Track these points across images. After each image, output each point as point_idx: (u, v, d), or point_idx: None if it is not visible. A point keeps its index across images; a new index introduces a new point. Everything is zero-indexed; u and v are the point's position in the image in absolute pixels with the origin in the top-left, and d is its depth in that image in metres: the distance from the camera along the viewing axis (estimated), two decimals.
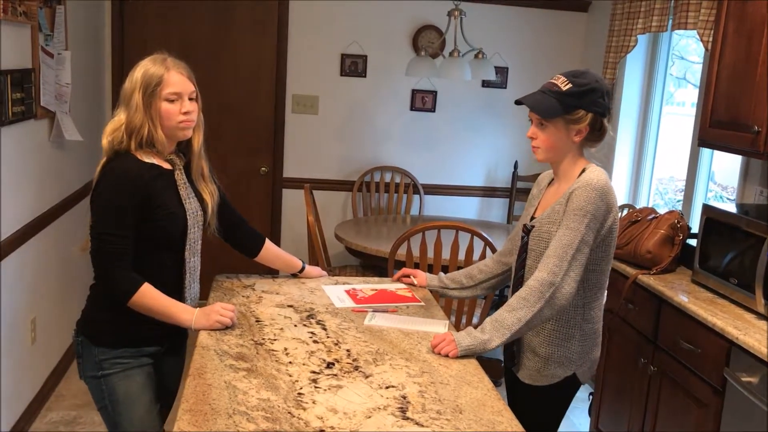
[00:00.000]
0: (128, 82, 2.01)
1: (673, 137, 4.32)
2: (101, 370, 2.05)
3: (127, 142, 1.99)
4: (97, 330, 2.07)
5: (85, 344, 2.08)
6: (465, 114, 5.05)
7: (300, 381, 1.75)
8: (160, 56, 2.04)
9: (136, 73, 2.01)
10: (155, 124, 2.00)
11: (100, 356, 2.05)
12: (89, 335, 2.07)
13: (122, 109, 2.01)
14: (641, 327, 2.94)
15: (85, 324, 2.10)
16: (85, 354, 2.08)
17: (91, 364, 2.07)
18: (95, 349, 2.06)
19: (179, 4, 4.64)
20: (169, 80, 2.00)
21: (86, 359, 2.08)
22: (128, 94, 1.99)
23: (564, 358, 2.09)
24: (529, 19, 4.97)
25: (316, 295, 2.41)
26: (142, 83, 1.98)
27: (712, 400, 2.46)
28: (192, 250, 2.14)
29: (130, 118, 1.98)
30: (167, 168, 2.08)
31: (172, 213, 2.05)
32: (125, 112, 2.00)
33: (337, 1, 4.77)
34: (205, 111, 2.20)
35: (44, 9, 3.28)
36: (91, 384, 2.09)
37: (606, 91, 2.03)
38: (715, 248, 2.78)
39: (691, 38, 4.10)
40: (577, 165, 2.07)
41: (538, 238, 2.08)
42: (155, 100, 1.99)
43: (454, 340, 1.96)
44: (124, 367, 2.06)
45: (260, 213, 5.01)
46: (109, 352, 2.05)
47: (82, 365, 2.11)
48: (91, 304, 2.12)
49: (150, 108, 1.99)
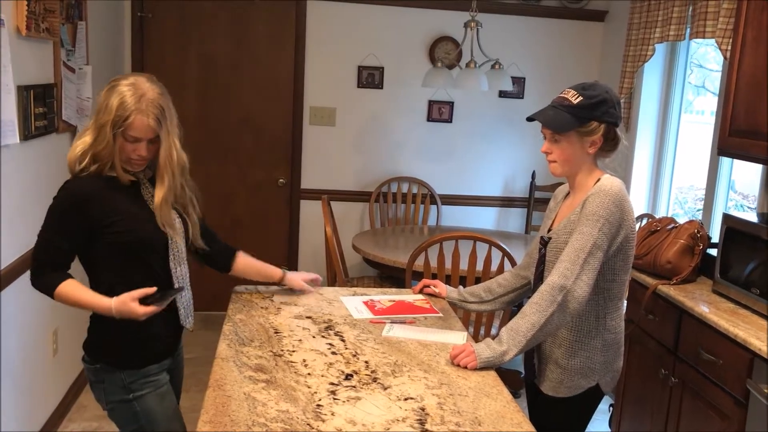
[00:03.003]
0: (104, 103, 1.95)
1: (693, 146, 4.29)
2: (132, 392, 2.04)
3: (87, 166, 1.98)
4: (119, 353, 2.05)
5: (107, 370, 2.05)
6: (482, 124, 5.05)
7: (319, 392, 1.76)
8: (140, 90, 1.95)
9: (113, 98, 1.94)
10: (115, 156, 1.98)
11: (128, 379, 2.04)
12: (111, 360, 2.05)
13: (90, 130, 1.98)
14: (662, 338, 2.91)
15: (101, 348, 2.07)
16: (108, 379, 2.05)
17: (117, 388, 2.04)
18: (121, 372, 2.04)
19: (198, 20, 4.70)
20: (134, 123, 1.94)
21: (110, 384, 2.05)
22: (101, 122, 1.95)
23: (587, 369, 2.09)
24: (546, 30, 4.97)
25: (335, 307, 2.41)
26: (114, 117, 1.92)
27: (735, 412, 2.43)
28: (177, 260, 2.10)
29: (96, 147, 1.96)
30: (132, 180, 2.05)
31: (138, 222, 2.01)
32: (93, 136, 1.96)
33: (354, 14, 4.80)
34: (224, 124, 2.21)
35: (66, 25, 3.33)
36: (120, 408, 2.06)
37: (616, 101, 2.05)
38: (735, 258, 2.75)
39: (709, 46, 4.08)
40: (592, 176, 2.07)
41: (555, 249, 2.08)
42: (118, 135, 1.95)
43: (473, 352, 1.96)
44: (155, 385, 2.07)
45: (278, 224, 5.04)
46: (136, 372, 2.04)
47: (104, 391, 2.07)
48: (104, 327, 2.05)
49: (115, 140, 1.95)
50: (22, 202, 2.89)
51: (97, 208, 1.96)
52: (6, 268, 2.73)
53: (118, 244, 1.99)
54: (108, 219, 1.97)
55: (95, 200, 1.97)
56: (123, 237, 1.99)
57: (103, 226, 1.97)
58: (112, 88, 1.96)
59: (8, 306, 2.78)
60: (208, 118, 4.81)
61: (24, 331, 2.96)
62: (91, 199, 1.96)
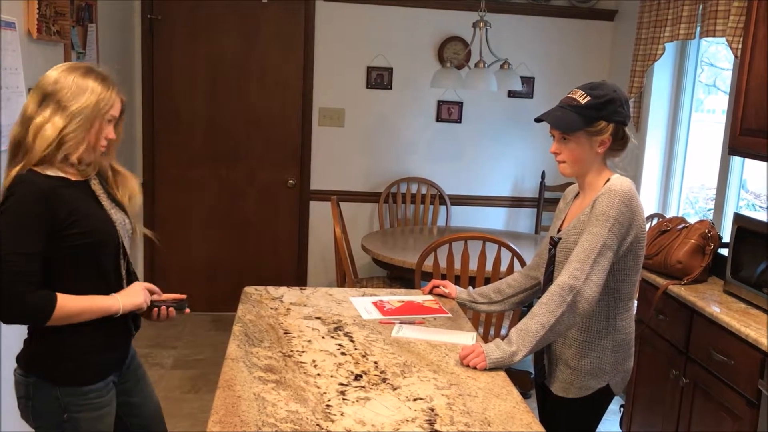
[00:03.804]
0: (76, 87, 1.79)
1: (704, 145, 4.27)
2: (66, 412, 1.83)
3: (53, 152, 1.78)
4: (57, 368, 1.83)
5: (39, 385, 1.83)
6: (491, 124, 5.05)
7: (328, 393, 1.76)
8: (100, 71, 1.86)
9: (89, 83, 1.80)
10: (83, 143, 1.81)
11: (65, 397, 1.83)
12: (47, 375, 1.83)
13: (56, 112, 1.78)
14: (672, 338, 2.90)
15: (35, 360, 1.85)
16: (39, 396, 1.83)
17: (49, 407, 1.83)
18: (56, 389, 1.83)
19: (207, 21, 4.71)
20: (116, 104, 1.86)
21: (40, 401, 1.83)
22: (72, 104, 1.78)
23: (597, 369, 2.08)
24: (555, 29, 4.96)
25: (344, 307, 2.42)
26: (96, 102, 1.80)
27: (746, 412, 2.41)
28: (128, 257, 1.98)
29: (70, 131, 1.77)
30: (78, 179, 1.87)
31: (102, 219, 1.87)
32: (64, 120, 1.77)
33: (363, 15, 4.80)
34: (234, 125, 2.21)
35: (77, 27, 3.35)
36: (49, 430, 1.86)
37: (624, 99, 2.05)
38: (747, 258, 2.73)
39: (720, 45, 4.05)
40: (601, 176, 2.07)
41: (564, 249, 2.08)
42: (99, 119, 1.83)
43: (483, 352, 1.95)
44: (96, 406, 1.87)
45: (288, 225, 5.05)
46: (76, 390, 1.84)
47: (32, 409, 1.85)
48: (40, 336, 1.84)
49: (90, 128, 1.82)
50: None
51: (62, 207, 1.76)
52: None
53: (75, 247, 1.79)
54: (70, 218, 1.77)
55: (58, 197, 1.76)
56: (83, 238, 1.80)
57: (64, 227, 1.77)
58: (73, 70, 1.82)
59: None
60: (217, 119, 4.83)
61: None
62: (54, 196, 1.75)
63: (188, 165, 4.83)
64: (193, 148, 4.85)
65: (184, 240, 4.92)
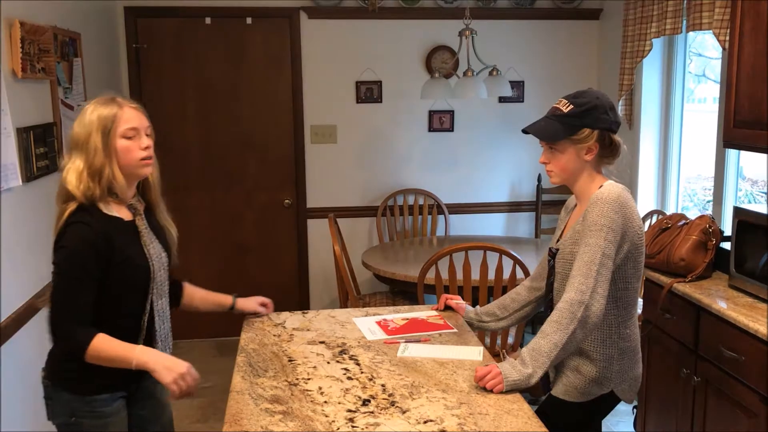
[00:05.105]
0: (79, 126, 1.94)
1: (697, 135, 4.25)
2: (74, 416, 2.00)
3: (93, 189, 1.92)
4: (65, 378, 2.00)
5: (55, 388, 2.02)
6: (484, 131, 5.03)
7: (337, 421, 1.73)
8: (108, 96, 1.99)
9: (87, 116, 1.93)
10: (113, 164, 1.93)
11: (73, 402, 2.00)
12: (59, 382, 2.01)
13: (77, 155, 1.93)
14: (681, 336, 2.87)
15: (52, 371, 2.04)
16: (55, 398, 2.02)
17: (62, 409, 2.01)
18: (66, 394, 2.00)
19: (193, 46, 4.70)
20: (123, 116, 1.94)
21: (56, 403, 2.02)
22: (83, 138, 1.92)
23: (603, 378, 2.06)
24: (541, 32, 4.96)
25: (347, 329, 2.39)
26: (98, 124, 1.91)
27: (761, 408, 2.38)
28: (159, 293, 2.08)
29: (90, 162, 1.91)
30: (128, 219, 2.03)
31: (136, 265, 2.00)
32: (82, 157, 1.92)
33: (348, 30, 4.80)
34: (227, 149, 2.20)
35: (62, 63, 3.34)
36: (62, 430, 2.04)
37: (609, 105, 2.04)
38: (750, 251, 2.71)
39: (708, 34, 4.04)
40: (594, 183, 2.06)
41: (563, 260, 2.08)
42: (112, 139, 1.92)
43: (500, 373, 1.89)
44: (100, 415, 2.00)
45: (287, 245, 5.02)
46: (81, 398, 1.99)
47: (51, 409, 2.05)
48: (58, 350, 2.02)
49: (108, 148, 1.92)
50: (27, 243, 2.88)
51: (111, 247, 1.92)
52: (19, 309, 2.72)
53: (115, 285, 1.95)
54: (118, 258, 1.93)
55: (109, 239, 1.92)
56: (127, 278, 1.96)
57: (112, 267, 1.93)
58: (80, 114, 1.96)
59: (19, 349, 2.76)
60: (209, 144, 4.81)
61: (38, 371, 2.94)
62: (106, 239, 1.91)
63: (184, 191, 4.81)
64: (187, 174, 4.82)
65: (183, 266, 4.83)
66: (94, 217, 1.92)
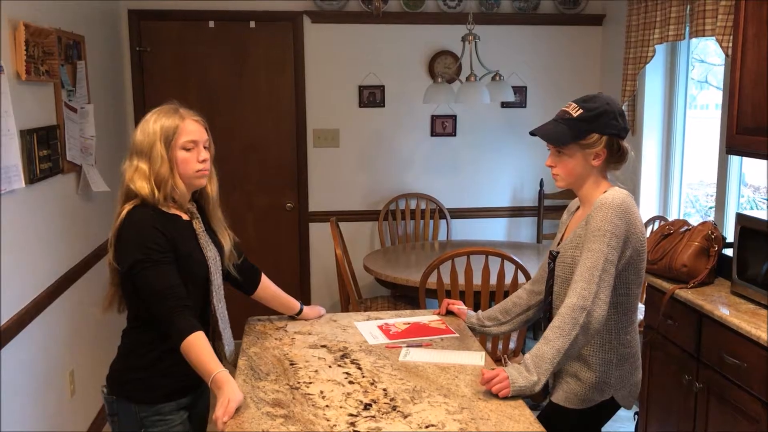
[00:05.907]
0: (142, 134, 1.99)
1: (700, 141, 4.25)
2: (143, 427, 2.02)
3: (158, 193, 1.97)
4: (132, 388, 2.03)
5: (121, 402, 2.04)
6: (486, 136, 5.04)
7: (338, 425, 1.73)
8: (172, 106, 2.04)
9: (151, 124, 1.99)
10: (175, 174, 1.99)
11: (141, 413, 2.01)
12: (125, 394, 2.03)
13: (139, 160, 1.98)
14: (683, 343, 2.87)
15: (117, 383, 2.06)
16: (122, 412, 2.04)
17: (130, 422, 2.03)
18: (134, 406, 2.02)
19: (196, 50, 4.71)
20: (185, 129, 2.00)
21: (124, 417, 2.04)
22: (147, 146, 1.97)
23: (603, 384, 2.06)
24: (544, 37, 4.96)
25: (349, 333, 2.39)
26: (162, 134, 1.97)
27: (763, 415, 2.38)
28: (218, 297, 2.12)
29: (156, 170, 1.97)
30: (186, 219, 2.07)
31: (197, 261, 2.04)
32: (147, 163, 1.97)
33: (351, 35, 4.81)
34: (229, 152, 2.21)
35: (66, 66, 3.34)
36: None
37: (618, 112, 2.03)
38: (752, 257, 2.71)
39: (710, 40, 4.05)
40: (599, 189, 2.06)
41: (563, 263, 2.07)
42: (172, 150, 1.98)
43: (507, 378, 1.88)
44: (168, 424, 2.03)
45: (288, 249, 5.02)
46: (148, 408, 2.01)
47: (118, 424, 2.06)
48: (123, 359, 2.07)
49: (169, 158, 1.98)
50: (30, 245, 2.89)
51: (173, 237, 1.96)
52: (21, 311, 2.73)
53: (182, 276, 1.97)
54: (182, 249, 1.98)
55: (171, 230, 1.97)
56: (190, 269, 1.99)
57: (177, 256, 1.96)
58: (144, 121, 2.02)
59: (21, 351, 2.76)
60: None
61: (39, 374, 2.95)
62: (168, 228, 1.96)
63: None
64: None
65: None
66: (156, 212, 1.98)
